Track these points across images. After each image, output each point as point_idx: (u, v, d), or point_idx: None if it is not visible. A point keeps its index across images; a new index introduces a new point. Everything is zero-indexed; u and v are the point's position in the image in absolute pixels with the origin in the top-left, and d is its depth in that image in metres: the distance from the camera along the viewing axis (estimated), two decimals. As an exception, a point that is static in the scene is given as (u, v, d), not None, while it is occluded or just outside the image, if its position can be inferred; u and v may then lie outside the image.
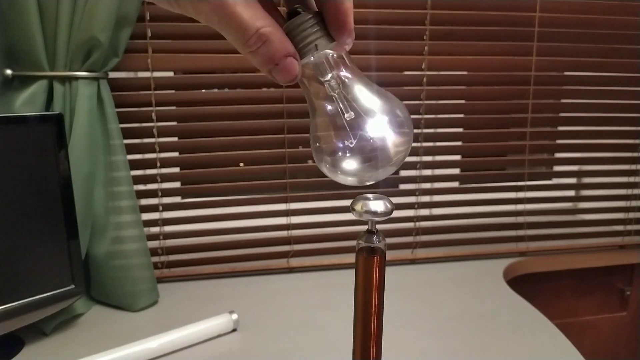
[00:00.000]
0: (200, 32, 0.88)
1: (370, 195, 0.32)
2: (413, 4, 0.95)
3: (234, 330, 0.74)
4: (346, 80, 0.28)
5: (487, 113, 1.04)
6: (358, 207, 0.31)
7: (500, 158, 1.11)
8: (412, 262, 1.04)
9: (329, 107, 0.28)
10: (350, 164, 0.28)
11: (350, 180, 0.29)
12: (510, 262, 1.03)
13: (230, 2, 0.23)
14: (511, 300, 0.85)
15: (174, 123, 0.93)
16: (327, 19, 0.27)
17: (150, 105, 0.89)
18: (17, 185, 0.64)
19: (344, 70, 0.28)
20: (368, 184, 0.30)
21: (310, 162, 1.04)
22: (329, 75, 0.28)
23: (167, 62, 0.89)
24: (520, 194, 1.09)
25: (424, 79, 0.98)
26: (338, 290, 0.89)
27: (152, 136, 0.91)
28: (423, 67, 0.97)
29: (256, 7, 0.24)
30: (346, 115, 0.27)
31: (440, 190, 1.08)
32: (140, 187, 0.95)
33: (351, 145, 0.28)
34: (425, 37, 0.96)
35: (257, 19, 0.24)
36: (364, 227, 0.33)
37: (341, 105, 0.28)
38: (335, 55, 0.28)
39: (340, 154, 0.28)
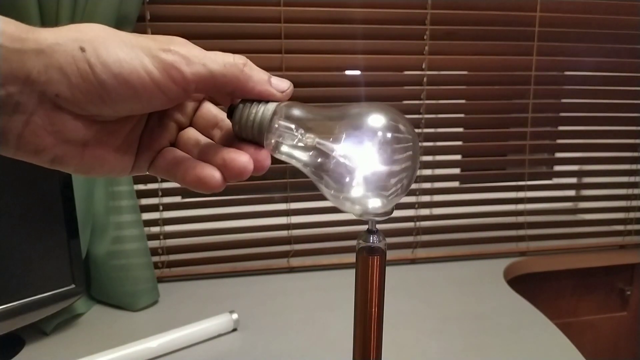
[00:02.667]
0: (201, 32, 0.88)
1: (370, 195, 0.32)
2: (413, 3, 0.95)
3: (234, 330, 0.74)
4: (313, 124, 0.27)
5: (488, 113, 1.04)
6: (358, 207, 0.31)
7: (500, 158, 1.11)
8: (412, 262, 1.04)
9: (319, 160, 0.27)
10: (370, 194, 0.27)
11: (386, 203, 0.28)
12: (511, 262, 1.03)
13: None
14: (511, 300, 0.85)
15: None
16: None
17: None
18: (18, 185, 0.64)
19: (304, 114, 0.27)
20: (400, 198, 0.29)
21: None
22: (299, 131, 0.27)
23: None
24: (521, 194, 1.09)
25: (425, 79, 0.98)
26: (338, 290, 0.89)
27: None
28: (423, 66, 0.97)
29: None
30: (335, 153, 0.26)
31: (440, 190, 1.08)
32: (141, 186, 0.95)
33: (355, 180, 0.27)
34: (425, 37, 0.95)
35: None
36: (364, 227, 0.33)
37: (327, 147, 0.27)
38: (289, 108, 0.27)
39: (353, 190, 0.27)
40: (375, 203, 0.28)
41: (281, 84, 0.26)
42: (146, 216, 0.92)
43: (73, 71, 0.21)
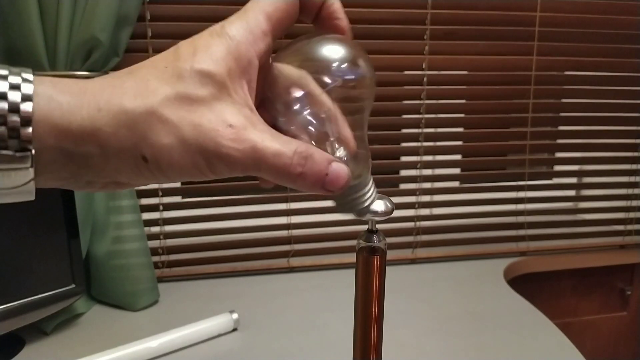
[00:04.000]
0: (201, 32, 0.88)
1: (370, 195, 0.32)
2: (413, 3, 0.95)
3: (235, 329, 0.74)
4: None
5: (488, 113, 1.04)
6: (358, 206, 0.31)
7: (500, 158, 1.11)
8: (413, 261, 1.04)
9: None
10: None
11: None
12: (511, 261, 1.03)
13: (259, 140, 0.23)
14: (511, 300, 0.85)
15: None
16: (323, 25, 0.28)
17: (151, 105, 0.89)
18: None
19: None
20: None
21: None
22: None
23: (168, 62, 0.89)
24: (521, 194, 1.09)
25: (425, 79, 0.98)
26: (338, 290, 0.89)
27: (153, 136, 0.91)
28: (423, 66, 0.97)
29: (281, 135, 0.24)
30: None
31: (440, 190, 1.08)
32: (141, 186, 0.95)
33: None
34: (425, 37, 0.95)
35: (288, 143, 0.23)
36: (365, 227, 0.33)
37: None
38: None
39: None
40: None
41: (334, 184, 0.25)
42: (146, 216, 0.92)
43: (134, 171, 0.23)
